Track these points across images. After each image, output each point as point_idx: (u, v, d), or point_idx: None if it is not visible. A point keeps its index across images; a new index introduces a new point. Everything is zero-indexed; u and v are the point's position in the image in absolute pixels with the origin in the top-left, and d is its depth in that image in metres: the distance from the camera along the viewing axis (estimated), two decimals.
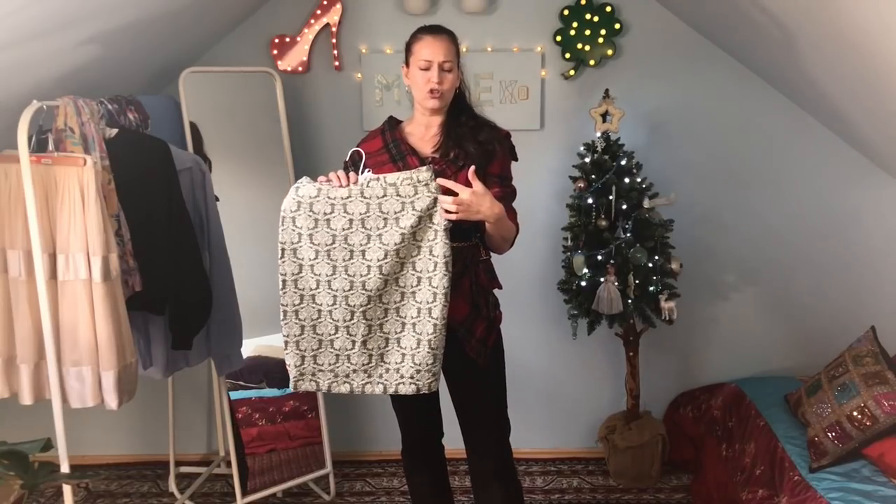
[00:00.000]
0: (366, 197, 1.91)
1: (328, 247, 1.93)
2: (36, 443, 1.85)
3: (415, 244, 1.93)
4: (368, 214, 1.91)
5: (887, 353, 2.63)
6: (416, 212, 1.90)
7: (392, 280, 1.95)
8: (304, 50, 3.17)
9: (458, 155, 2.08)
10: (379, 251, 1.91)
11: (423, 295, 1.95)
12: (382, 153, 2.13)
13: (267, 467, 3.04)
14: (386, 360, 2.00)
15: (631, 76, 3.20)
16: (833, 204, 3.27)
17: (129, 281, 2.35)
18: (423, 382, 1.99)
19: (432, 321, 1.95)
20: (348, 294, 1.94)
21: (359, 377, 2.01)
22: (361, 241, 1.92)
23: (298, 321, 1.99)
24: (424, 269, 1.94)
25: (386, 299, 1.96)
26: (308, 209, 1.93)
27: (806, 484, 2.42)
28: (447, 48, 2.07)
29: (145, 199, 2.39)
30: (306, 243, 1.94)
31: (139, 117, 2.52)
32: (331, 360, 2.00)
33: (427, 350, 1.96)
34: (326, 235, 1.93)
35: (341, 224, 1.92)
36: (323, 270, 1.94)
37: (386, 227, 1.91)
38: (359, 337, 1.97)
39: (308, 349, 2.00)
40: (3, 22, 1.86)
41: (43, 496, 3.22)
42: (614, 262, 2.87)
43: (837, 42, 2.35)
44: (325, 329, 1.98)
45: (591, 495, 3.16)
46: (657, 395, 3.40)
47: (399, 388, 2.00)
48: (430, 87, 2.05)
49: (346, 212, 1.92)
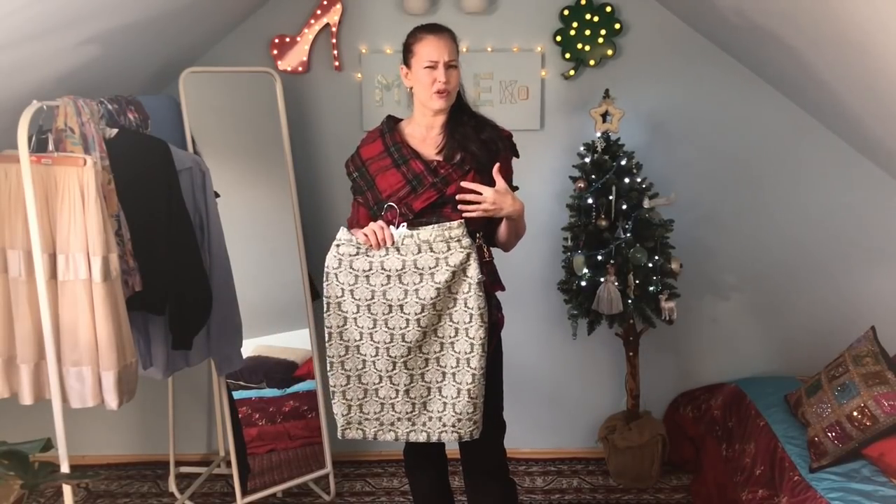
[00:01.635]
0: (401, 254, 1.98)
1: (368, 301, 1.99)
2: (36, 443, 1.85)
3: (450, 297, 1.99)
4: (404, 271, 1.97)
5: (887, 353, 2.63)
6: (449, 267, 1.96)
7: (431, 331, 2.01)
8: (304, 50, 3.17)
9: (463, 158, 2.08)
10: (416, 305, 1.97)
11: (461, 346, 2.01)
12: (384, 157, 2.11)
13: (267, 467, 3.04)
14: (429, 409, 2.06)
15: (631, 76, 3.20)
16: (833, 203, 3.27)
17: (129, 281, 2.35)
18: (465, 430, 2.05)
19: (471, 371, 2.00)
20: (389, 346, 2.00)
21: (403, 425, 2.07)
22: (399, 296, 1.98)
23: (344, 371, 2.04)
24: (461, 320, 2.00)
25: (426, 349, 2.02)
26: (349, 266, 1.99)
27: (806, 484, 2.42)
28: (450, 46, 2.07)
29: (145, 199, 2.39)
30: (348, 298, 2.00)
31: (139, 117, 2.52)
32: (376, 408, 2.06)
33: (467, 399, 2.02)
34: (366, 291, 1.99)
35: (380, 280, 1.98)
36: (365, 323, 2.01)
37: (422, 283, 1.97)
38: (402, 386, 2.03)
39: (354, 398, 2.06)
40: (3, 22, 1.86)
41: (43, 496, 3.22)
42: (614, 262, 2.87)
43: (837, 41, 2.35)
44: (369, 378, 2.04)
45: (591, 495, 3.16)
46: (657, 395, 3.40)
47: (441, 437, 2.06)
48: (437, 88, 2.04)
49: (384, 269, 1.98)
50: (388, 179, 2.09)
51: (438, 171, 2.07)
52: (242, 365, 2.86)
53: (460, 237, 1.96)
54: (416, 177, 2.07)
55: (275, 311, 3.17)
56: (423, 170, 2.07)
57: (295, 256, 3.05)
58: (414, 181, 2.06)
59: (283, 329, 3.15)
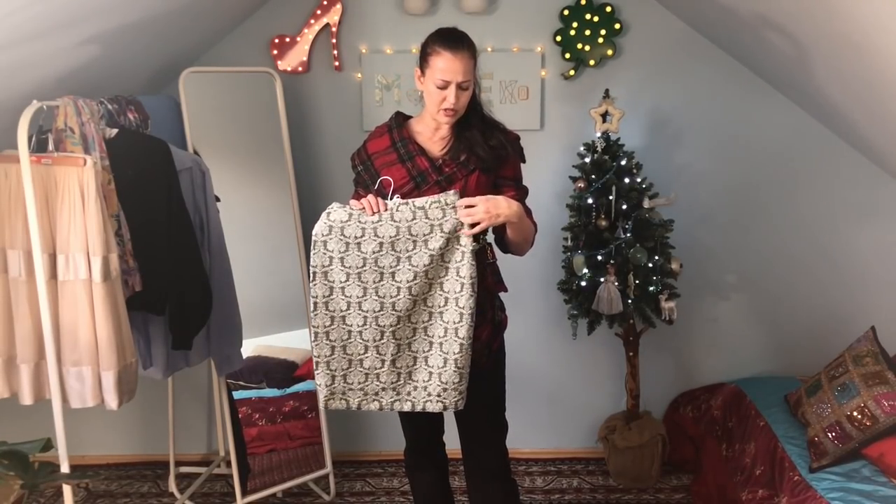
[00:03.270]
0: (395, 220, 1.96)
1: (359, 269, 1.97)
2: (36, 443, 1.85)
3: (442, 265, 1.98)
4: (398, 237, 1.96)
5: (887, 353, 2.63)
6: (444, 234, 1.95)
7: (420, 300, 1.99)
8: (304, 50, 3.17)
9: (468, 159, 2.07)
10: (408, 273, 1.96)
11: (450, 315, 1.99)
12: (390, 152, 2.10)
13: (267, 467, 3.04)
14: (414, 378, 2.05)
15: (631, 76, 3.20)
16: (833, 203, 3.27)
17: (129, 281, 2.35)
18: (450, 400, 2.04)
19: (458, 340, 1.99)
20: (378, 315, 1.99)
21: (388, 395, 2.06)
22: (391, 263, 1.96)
23: (329, 342, 2.02)
24: (451, 289, 1.99)
25: (414, 319, 2.01)
26: (339, 233, 1.97)
27: (806, 484, 2.42)
28: (466, 67, 1.98)
29: (145, 199, 2.39)
30: (337, 266, 1.98)
31: (139, 117, 2.52)
32: (360, 378, 2.05)
33: (454, 369, 2.01)
34: (357, 258, 1.97)
35: (371, 247, 1.96)
36: (354, 292, 1.98)
37: (415, 250, 1.96)
38: (388, 356, 2.02)
39: (338, 369, 2.04)
40: (3, 22, 1.86)
41: (43, 496, 3.22)
42: (614, 262, 2.87)
43: (837, 41, 2.35)
44: (354, 349, 2.03)
45: (591, 495, 3.16)
46: (657, 395, 3.40)
47: (427, 406, 2.05)
48: (445, 106, 2.00)
49: (377, 235, 1.96)
50: (392, 174, 2.08)
51: (443, 169, 2.07)
52: (242, 365, 2.86)
53: (455, 204, 1.96)
54: (420, 173, 2.06)
55: (275, 311, 3.17)
56: (428, 167, 2.06)
57: (295, 256, 3.05)
58: (418, 178, 2.06)
59: (283, 329, 3.15)
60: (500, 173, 2.12)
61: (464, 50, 1.99)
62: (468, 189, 2.06)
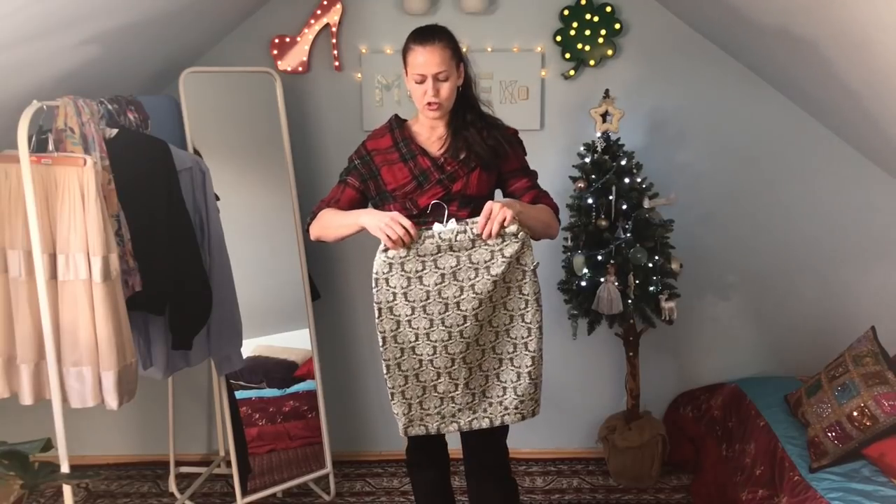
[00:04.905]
0: (454, 251, 1.94)
1: (423, 302, 1.96)
2: (36, 443, 1.85)
3: (505, 286, 1.98)
4: (459, 267, 1.94)
5: (887, 353, 2.63)
6: (505, 259, 1.94)
7: (486, 323, 2.00)
8: (304, 50, 3.17)
9: (468, 157, 2.08)
10: (473, 301, 1.95)
11: (518, 331, 2.02)
12: (392, 151, 2.11)
13: (267, 467, 3.04)
14: (488, 396, 2.06)
15: (631, 76, 3.20)
16: (833, 203, 3.27)
17: (129, 281, 2.35)
18: (528, 410, 2.07)
19: (530, 354, 2.03)
20: (448, 344, 1.98)
21: (465, 415, 2.07)
22: (455, 293, 1.95)
23: (401, 372, 2.02)
24: (516, 307, 2.00)
25: (482, 341, 2.02)
26: (400, 269, 1.94)
27: (806, 484, 2.42)
28: (440, 58, 2.00)
29: (145, 199, 2.39)
30: (401, 301, 1.96)
31: (139, 117, 2.52)
32: (436, 403, 2.05)
33: (528, 381, 2.04)
34: (420, 292, 1.95)
35: (433, 279, 1.95)
36: (420, 324, 1.97)
37: (478, 277, 1.95)
38: (461, 380, 2.02)
39: (413, 397, 2.04)
40: (3, 22, 1.86)
41: (43, 496, 3.22)
42: (614, 262, 2.87)
43: (838, 40, 2.35)
44: (427, 376, 2.02)
45: (591, 495, 3.16)
46: (657, 395, 3.40)
47: (505, 419, 2.08)
48: (426, 100, 2.03)
49: (437, 267, 1.94)
50: (394, 173, 2.09)
51: (445, 167, 2.08)
52: (242, 365, 2.86)
53: (515, 232, 1.94)
54: (422, 172, 2.07)
55: (275, 311, 3.17)
56: (429, 166, 2.07)
57: (295, 256, 3.05)
58: (420, 177, 2.07)
59: (283, 329, 3.15)
60: (504, 168, 2.13)
61: (434, 42, 2.01)
62: (470, 186, 2.07)
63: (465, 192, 2.06)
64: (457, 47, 2.07)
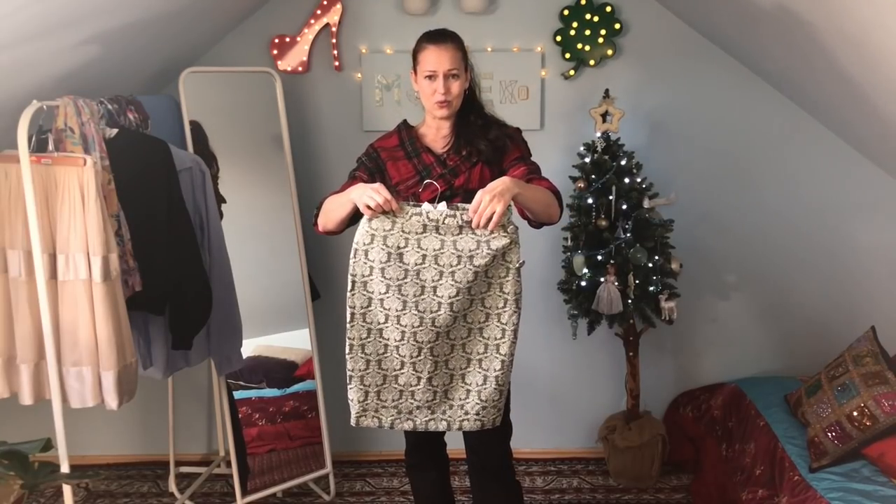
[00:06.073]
0: (440, 233, 1.88)
1: (400, 281, 1.88)
2: (36, 443, 1.85)
3: (486, 280, 1.91)
4: (442, 251, 1.87)
5: (887, 353, 2.63)
6: (491, 251, 1.87)
7: (461, 316, 1.93)
8: (304, 50, 3.17)
9: (470, 152, 2.11)
10: (451, 288, 1.88)
11: (491, 331, 1.94)
12: (398, 150, 2.16)
13: (267, 467, 3.04)
14: (450, 397, 1.99)
15: (631, 76, 3.20)
16: (833, 203, 3.27)
17: (129, 281, 2.35)
18: (489, 418, 1.99)
19: (500, 357, 1.95)
20: (417, 330, 1.91)
21: (422, 414, 1.99)
22: (434, 277, 1.88)
23: (364, 355, 1.95)
24: (493, 305, 1.93)
25: (453, 335, 1.94)
26: (381, 242, 1.88)
27: (806, 484, 2.42)
28: (452, 56, 2.05)
29: (145, 199, 2.39)
30: (377, 277, 1.89)
31: (139, 117, 2.52)
32: (394, 395, 1.97)
33: (494, 387, 1.96)
34: (398, 270, 1.88)
35: (414, 259, 1.88)
36: (393, 305, 1.90)
37: (459, 265, 1.87)
38: (425, 373, 1.94)
39: (372, 384, 1.97)
40: (3, 22, 1.86)
41: (43, 496, 3.22)
42: (614, 262, 2.87)
43: (838, 40, 2.35)
44: (390, 364, 1.95)
45: (591, 495, 3.16)
46: (657, 395, 3.40)
47: (463, 425, 2.00)
48: (437, 98, 2.06)
49: (420, 247, 1.88)
50: (399, 169, 2.14)
51: (447, 162, 2.12)
52: (242, 365, 2.86)
53: (506, 223, 1.88)
54: (425, 167, 2.11)
55: (275, 311, 3.17)
56: (432, 161, 2.12)
57: (295, 256, 3.05)
58: (423, 172, 2.11)
59: (283, 329, 3.15)
60: (505, 162, 2.14)
61: (447, 42, 2.07)
62: (472, 181, 2.09)
63: (467, 186, 2.09)
64: (466, 53, 2.12)
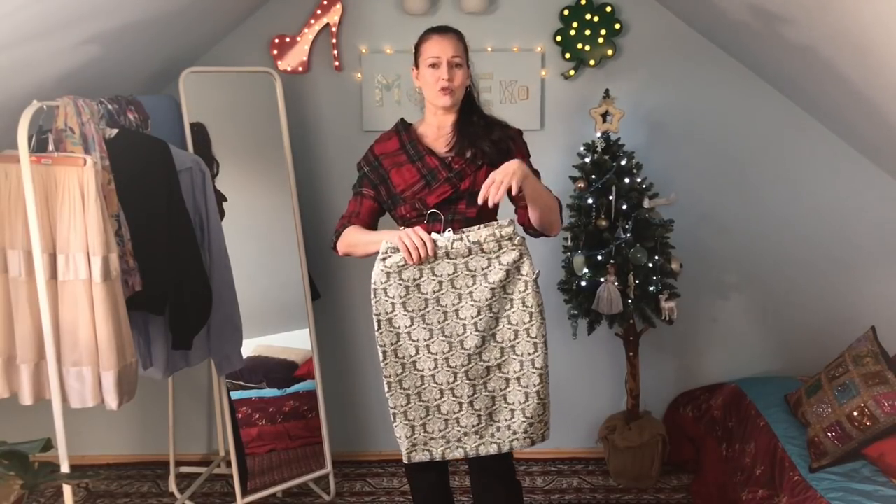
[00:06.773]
0: (451, 258, 1.93)
1: (422, 311, 1.94)
2: (36, 443, 1.85)
3: (506, 297, 1.95)
4: (456, 274, 1.93)
5: (887, 353, 2.63)
6: (502, 266, 1.92)
7: (489, 336, 1.96)
8: (304, 50, 3.17)
9: (475, 154, 2.10)
10: (472, 308, 1.93)
11: (523, 347, 1.97)
12: (400, 154, 2.14)
13: (267, 467, 3.04)
14: (495, 419, 2.01)
15: (631, 76, 3.20)
16: (833, 203, 3.27)
17: (129, 281, 2.35)
18: (538, 434, 2.02)
19: (537, 371, 1.97)
20: (448, 355, 1.95)
21: (471, 440, 2.02)
22: (453, 300, 1.94)
23: (403, 391, 1.99)
24: (520, 321, 1.96)
25: (486, 357, 1.97)
26: (398, 278, 1.93)
27: (806, 484, 2.42)
28: (455, 45, 2.09)
29: (145, 199, 2.39)
30: (400, 312, 1.95)
31: (139, 117, 2.52)
32: (440, 426, 2.01)
33: (537, 401, 1.99)
34: (419, 300, 1.94)
35: (431, 287, 1.94)
36: (420, 336, 1.95)
37: (475, 285, 1.93)
38: (465, 398, 1.98)
39: (416, 418, 2.00)
40: (3, 22, 1.86)
41: (43, 496, 3.22)
42: (614, 262, 2.87)
43: (838, 40, 2.35)
44: (430, 395, 1.99)
45: (591, 495, 3.16)
46: (657, 395, 3.40)
47: (514, 444, 2.02)
48: (440, 85, 2.06)
49: (435, 274, 1.93)
50: (403, 174, 2.12)
51: (453, 166, 2.10)
52: (242, 365, 2.86)
53: (511, 235, 1.93)
54: (430, 172, 2.10)
55: (275, 311, 3.17)
56: (437, 165, 2.10)
57: (295, 256, 3.05)
58: (428, 176, 2.09)
59: (283, 329, 3.15)
60: None
61: (451, 32, 2.12)
62: (477, 184, 2.08)
63: (472, 189, 2.08)
64: (467, 49, 2.15)
